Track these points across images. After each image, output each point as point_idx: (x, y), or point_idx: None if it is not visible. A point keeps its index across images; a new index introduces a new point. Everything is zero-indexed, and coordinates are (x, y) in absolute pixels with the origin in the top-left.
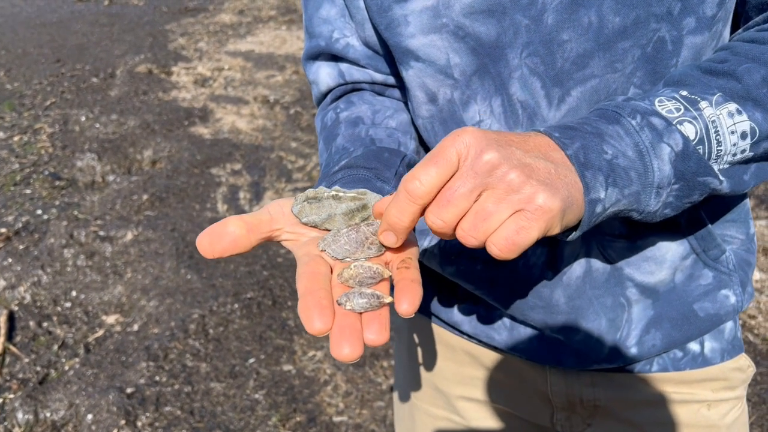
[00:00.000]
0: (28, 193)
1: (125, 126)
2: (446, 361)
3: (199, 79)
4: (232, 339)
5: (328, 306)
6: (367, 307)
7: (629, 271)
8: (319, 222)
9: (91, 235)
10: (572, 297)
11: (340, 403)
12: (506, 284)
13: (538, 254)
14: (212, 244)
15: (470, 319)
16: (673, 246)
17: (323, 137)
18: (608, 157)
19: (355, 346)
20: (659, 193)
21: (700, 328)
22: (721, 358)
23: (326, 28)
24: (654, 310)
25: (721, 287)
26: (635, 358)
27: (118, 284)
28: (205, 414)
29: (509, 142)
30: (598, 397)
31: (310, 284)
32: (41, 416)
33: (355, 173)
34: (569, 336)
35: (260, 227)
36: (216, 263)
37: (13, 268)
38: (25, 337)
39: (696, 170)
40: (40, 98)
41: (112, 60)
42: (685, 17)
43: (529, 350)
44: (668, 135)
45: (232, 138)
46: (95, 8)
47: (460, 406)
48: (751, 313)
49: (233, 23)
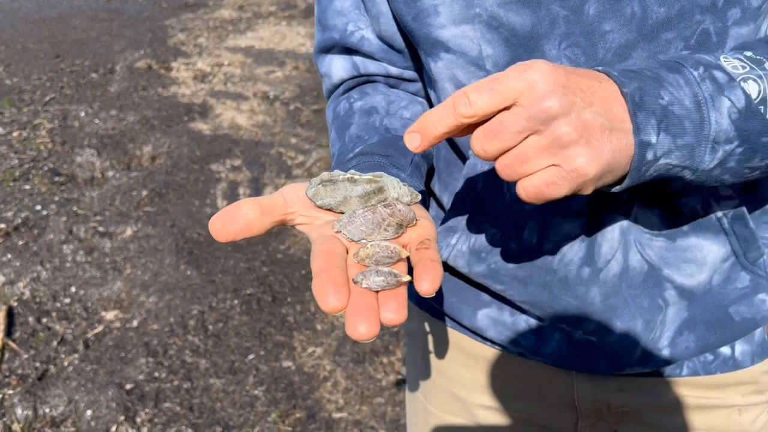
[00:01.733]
0: (28, 188)
1: (125, 122)
2: (466, 368)
3: (199, 74)
4: (232, 335)
5: (343, 284)
6: (384, 285)
7: (668, 272)
8: (335, 205)
9: (91, 230)
10: (608, 295)
11: (340, 399)
12: (539, 282)
13: (575, 250)
14: (225, 227)
15: (495, 324)
16: (715, 248)
17: (336, 126)
18: (664, 103)
19: (371, 324)
20: (714, 149)
21: (734, 332)
22: (752, 361)
23: (341, 21)
24: (688, 312)
25: (758, 291)
26: (668, 360)
27: (118, 280)
28: (204, 410)
29: (576, 89)
30: (626, 403)
31: (325, 263)
32: (40, 412)
33: (371, 160)
34: (602, 337)
35: (274, 210)
36: (215, 259)
37: (12, 263)
38: (24, 332)
39: (760, 130)
40: (40, 94)
41: (112, 55)
42: (731, 8)
43: (557, 355)
44: (730, 90)
45: (231, 134)
46: (95, 4)
47: (479, 414)
48: None
49: (233, 19)
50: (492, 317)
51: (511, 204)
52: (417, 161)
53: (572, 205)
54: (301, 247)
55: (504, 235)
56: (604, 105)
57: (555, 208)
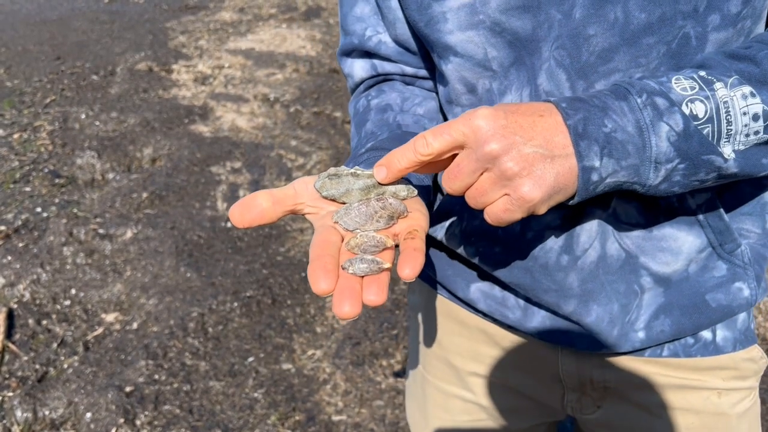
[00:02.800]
0: (28, 190)
1: (125, 124)
2: (460, 338)
3: (200, 77)
4: (232, 338)
5: (332, 270)
6: (367, 271)
7: (644, 260)
8: (338, 196)
9: (91, 233)
10: (585, 281)
11: (339, 402)
12: (522, 267)
13: (555, 239)
14: (242, 214)
15: (486, 297)
16: (690, 238)
17: (355, 122)
18: (607, 130)
19: (354, 305)
20: (657, 168)
21: (710, 317)
22: (733, 347)
23: (360, 26)
24: (665, 298)
25: (735, 280)
26: (643, 342)
27: (118, 282)
28: (204, 412)
29: (516, 128)
30: (608, 378)
31: (320, 251)
32: (40, 414)
33: (379, 155)
34: (580, 318)
35: (285, 200)
36: (215, 261)
37: (12, 265)
38: (24, 335)
39: (699, 149)
40: (40, 96)
41: (112, 57)
42: (710, 14)
43: (541, 331)
44: (668, 115)
45: (232, 136)
46: (95, 6)
47: (471, 382)
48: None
49: (233, 21)
50: (483, 291)
51: None
52: None
53: None
54: (301, 250)
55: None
56: (544, 137)
57: None
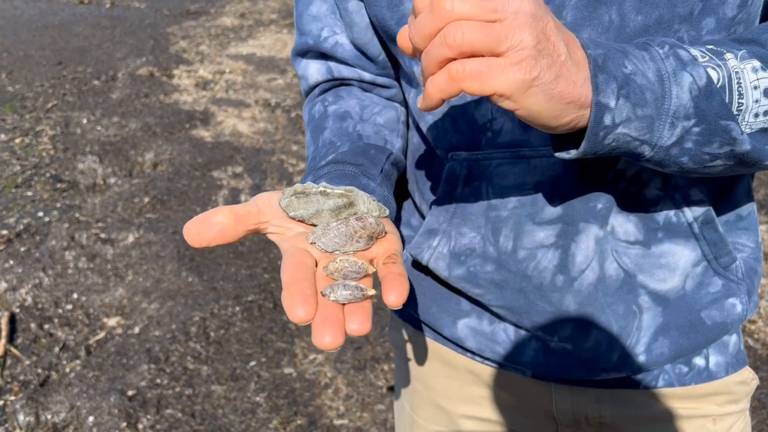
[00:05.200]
0: (30, 195)
1: (126, 128)
2: (448, 380)
3: (201, 82)
4: (233, 342)
5: (311, 295)
6: (350, 298)
7: (642, 279)
8: (307, 217)
9: (93, 237)
10: (583, 304)
11: (341, 406)
12: (515, 288)
13: (549, 258)
14: (200, 233)
15: (474, 334)
16: (686, 252)
17: (310, 129)
18: (627, 71)
19: (336, 335)
20: (674, 125)
21: (707, 336)
22: (726, 372)
23: (315, 26)
24: (663, 318)
25: (729, 295)
26: (643, 366)
27: (120, 287)
28: (206, 417)
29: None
30: (603, 414)
31: (295, 274)
32: (42, 418)
33: (342, 169)
34: (578, 344)
35: (248, 219)
36: (217, 266)
37: (14, 270)
38: (26, 339)
39: (718, 111)
40: (42, 100)
41: (114, 62)
42: (705, 17)
43: (534, 364)
44: (692, 67)
45: (233, 141)
46: (97, 11)
47: (463, 425)
48: (751, 318)
49: (234, 26)
50: (471, 327)
51: (488, 209)
52: (387, 170)
53: (545, 213)
54: None
55: (482, 239)
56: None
57: (528, 215)
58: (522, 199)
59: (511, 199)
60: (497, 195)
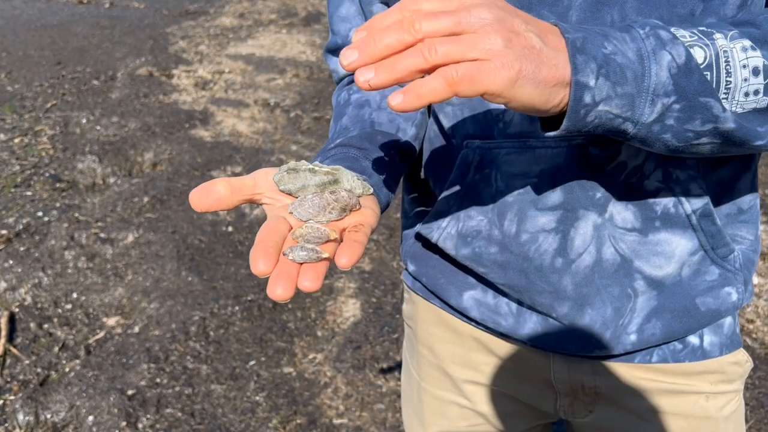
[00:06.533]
0: (29, 195)
1: (126, 128)
2: (453, 346)
3: (200, 82)
4: (233, 341)
5: (273, 254)
6: (306, 258)
7: (639, 264)
8: (294, 190)
9: (92, 237)
10: (580, 285)
11: (341, 405)
12: (517, 268)
13: (549, 241)
14: (201, 199)
15: (478, 305)
16: (683, 242)
17: (334, 115)
18: (606, 51)
19: (286, 288)
20: (654, 102)
21: (699, 321)
22: (720, 352)
23: (344, 27)
24: (657, 301)
25: (726, 284)
26: (634, 345)
27: (119, 286)
28: (205, 416)
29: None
30: (599, 384)
31: (265, 236)
32: (42, 418)
33: (346, 152)
34: (574, 321)
35: (243, 190)
36: (217, 265)
37: (14, 269)
38: (25, 338)
39: (697, 88)
40: (41, 100)
41: (113, 62)
42: (706, 18)
43: (534, 337)
44: (672, 45)
45: (232, 141)
46: (96, 11)
47: (467, 390)
48: (749, 317)
49: (234, 26)
50: (476, 299)
51: (495, 195)
52: (392, 155)
53: (548, 199)
54: None
55: (489, 223)
56: (540, 28)
57: (532, 202)
58: (526, 186)
59: (516, 186)
60: (504, 182)
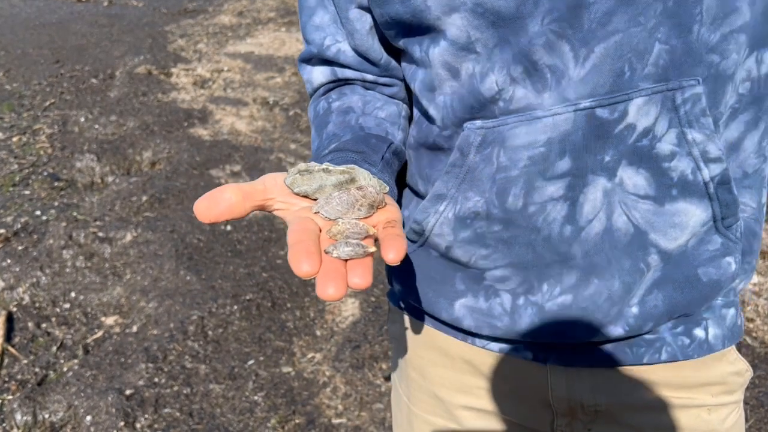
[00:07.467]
0: (27, 193)
1: (124, 127)
2: (444, 369)
3: (199, 80)
4: (231, 341)
5: (315, 252)
6: (352, 254)
7: (654, 237)
8: (311, 192)
9: (90, 236)
10: (589, 253)
11: (339, 405)
12: (524, 242)
13: (558, 209)
14: (209, 209)
15: (471, 312)
16: (698, 212)
17: (315, 125)
18: None
19: (338, 286)
20: None
21: (701, 292)
22: (723, 344)
23: (318, 35)
24: (661, 273)
25: (727, 254)
26: (636, 318)
27: (117, 285)
28: (204, 415)
29: None
30: (599, 402)
31: (300, 236)
32: (40, 417)
33: (344, 156)
34: (578, 293)
35: (255, 195)
36: (215, 264)
37: (11, 269)
38: (23, 338)
39: None
40: (39, 99)
41: (112, 61)
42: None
43: (532, 330)
44: None
45: (231, 139)
46: (95, 9)
47: (460, 415)
48: (749, 316)
49: (232, 25)
50: (468, 306)
51: (496, 172)
52: (387, 158)
53: (555, 168)
54: None
55: (486, 203)
56: None
57: (539, 172)
58: (533, 157)
59: (522, 159)
60: (508, 157)
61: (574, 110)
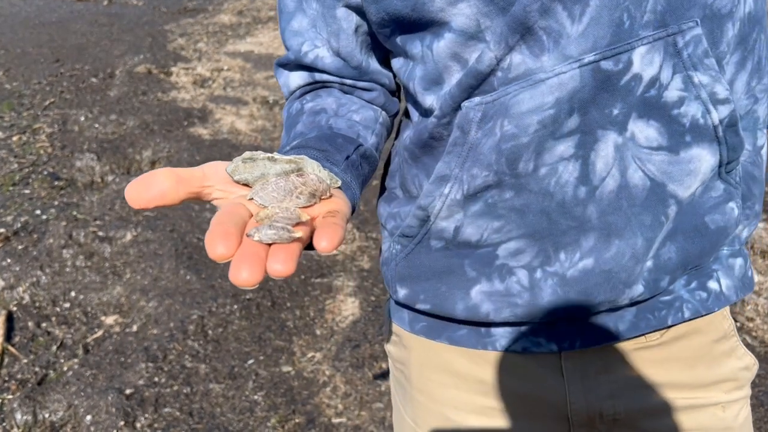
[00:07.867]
0: (27, 193)
1: (124, 126)
2: (456, 390)
3: (199, 79)
4: (231, 340)
5: (234, 234)
6: (275, 238)
7: (673, 188)
8: (251, 180)
9: (90, 235)
10: (606, 212)
11: (339, 404)
12: (537, 210)
13: (570, 170)
14: (140, 193)
15: (489, 296)
16: (708, 156)
17: (286, 126)
18: None
19: (253, 271)
20: None
21: (710, 240)
22: (736, 295)
23: (296, 41)
24: (673, 224)
25: (729, 199)
26: (651, 272)
27: (117, 285)
28: (204, 415)
29: None
30: (618, 410)
31: (222, 218)
32: (40, 417)
33: (305, 153)
34: (599, 255)
35: (191, 181)
36: (215, 264)
37: (11, 268)
38: (23, 337)
39: None
40: (39, 98)
41: (112, 60)
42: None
43: (555, 304)
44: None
45: (231, 139)
46: (95, 8)
47: None
48: (749, 315)
49: (232, 24)
50: (485, 291)
51: (501, 142)
52: (354, 160)
53: (564, 126)
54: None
55: (496, 174)
56: None
57: (550, 133)
58: (543, 120)
59: (532, 124)
60: (515, 124)
61: (579, 66)
